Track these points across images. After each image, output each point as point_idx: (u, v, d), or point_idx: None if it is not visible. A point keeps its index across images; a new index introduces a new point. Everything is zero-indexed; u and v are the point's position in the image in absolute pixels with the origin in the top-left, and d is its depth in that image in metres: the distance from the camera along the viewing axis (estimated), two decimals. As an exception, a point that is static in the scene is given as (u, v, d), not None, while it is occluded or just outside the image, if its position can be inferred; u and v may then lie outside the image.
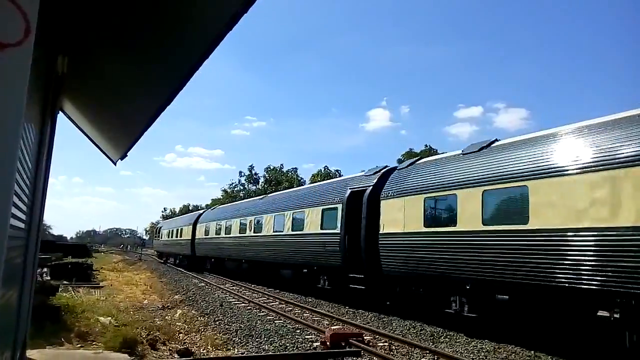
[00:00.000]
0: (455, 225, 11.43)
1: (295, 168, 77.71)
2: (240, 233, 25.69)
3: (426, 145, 58.11)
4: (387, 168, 16.26)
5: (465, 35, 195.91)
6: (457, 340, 10.51)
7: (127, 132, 7.81)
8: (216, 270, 30.65)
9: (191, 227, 35.68)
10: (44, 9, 2.72)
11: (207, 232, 32.00)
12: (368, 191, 15.37)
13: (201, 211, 39.72)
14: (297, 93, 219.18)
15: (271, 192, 35.90)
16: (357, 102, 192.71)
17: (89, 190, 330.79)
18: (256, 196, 39.07)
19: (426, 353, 9.16)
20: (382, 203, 14.59)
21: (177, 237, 40.78)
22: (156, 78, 5.35)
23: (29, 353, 6.72)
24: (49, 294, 11.22)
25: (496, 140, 12.09)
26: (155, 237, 55.39)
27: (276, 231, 21.15)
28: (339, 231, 16.15)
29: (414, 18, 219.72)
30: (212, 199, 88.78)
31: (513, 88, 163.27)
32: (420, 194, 12.96)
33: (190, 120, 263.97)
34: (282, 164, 78.35)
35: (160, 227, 53.68)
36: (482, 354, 9.35)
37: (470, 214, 11.02)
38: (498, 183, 10.48)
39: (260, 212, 23.79)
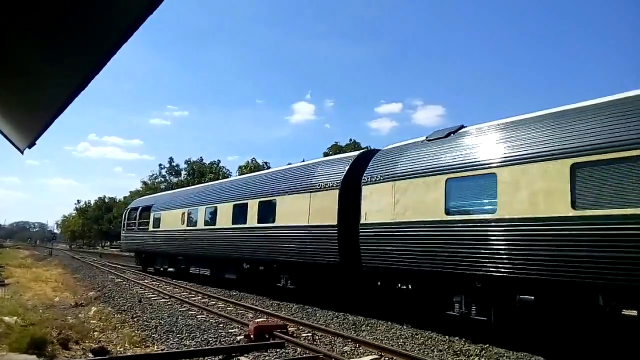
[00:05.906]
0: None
1: (219, 160, 76.18)
2: None
3: (351, 140, 59.16)
4: None
5: (384, 35, 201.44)
6: (378, 328, 10.87)
7: (36, 119, 7.27)
8: None
9: (336, 192, 13.31)
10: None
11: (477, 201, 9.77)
12: None
13: (360, 151, 15.30)
14: (220, 83, 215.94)
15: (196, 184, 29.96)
16: (281, 94, 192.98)
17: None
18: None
19: (348, 341, 9.39)
20: None
21: (241, 223, 17.57)
22: (69, 61, 5.01)
23: None
24: (-56, 294, 10.25)
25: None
26: (132, 226, 29.32)
27: None
28: None
29: (333, 16, 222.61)
30: (130, 191, 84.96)
31: (431, 86, 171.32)
32: None
33: (105, 108, 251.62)
34: (201, 157, 76.70)
35: (150, 207, 26.83)
36: (401, 340, 9.75)
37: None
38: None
39: None
